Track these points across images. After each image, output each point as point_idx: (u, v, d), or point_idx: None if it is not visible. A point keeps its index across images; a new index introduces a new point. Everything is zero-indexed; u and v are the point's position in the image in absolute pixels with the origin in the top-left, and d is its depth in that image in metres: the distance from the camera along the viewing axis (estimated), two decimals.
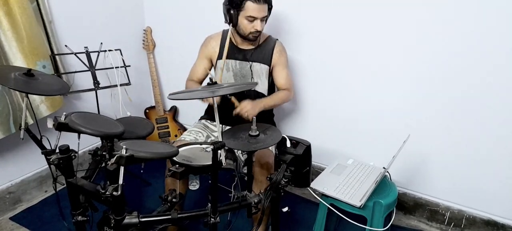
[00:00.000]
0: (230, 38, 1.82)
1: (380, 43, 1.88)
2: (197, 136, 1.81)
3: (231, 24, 1.73)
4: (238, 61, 1.85)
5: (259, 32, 1.72)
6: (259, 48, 1.83)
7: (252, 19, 1.68)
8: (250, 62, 1.83)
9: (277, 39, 1.88)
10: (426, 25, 1.74)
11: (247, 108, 1.68)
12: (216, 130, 1.81)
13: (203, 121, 1.97)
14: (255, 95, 1.87)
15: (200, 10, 2.39)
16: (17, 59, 1.81)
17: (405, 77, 1.87)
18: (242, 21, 1.70)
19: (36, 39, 1.88)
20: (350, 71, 2.02)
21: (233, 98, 1.74)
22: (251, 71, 1.84)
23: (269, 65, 1.84)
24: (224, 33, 1.87)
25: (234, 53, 1.84)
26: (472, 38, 1.65)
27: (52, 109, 1.99)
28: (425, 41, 1.76)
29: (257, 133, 1.35)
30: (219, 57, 1.87)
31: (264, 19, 1.72)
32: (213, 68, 1.95)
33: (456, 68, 1.73)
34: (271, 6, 1.74)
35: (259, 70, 1.84)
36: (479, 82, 1.69)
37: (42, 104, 1.94)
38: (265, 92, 1.88)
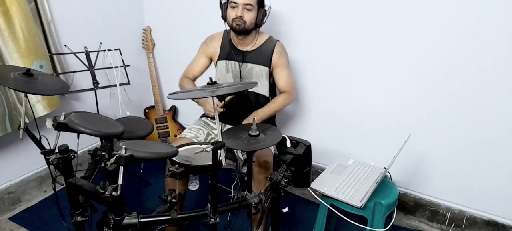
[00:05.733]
0: (230, 40, 1.82)
1: (380, 43, 1.88)
2: (197, 133, 1.80)
3: (222, 17, 1.76)
4: (237, 63, 1.84)
5: (243, 21, 1.69)
6: (259, 50, 1.82)
7: (234, 4, 1.69)
8: (249, 64, 1.82)
9: (278, 41, 1.85)
10: (426, 24, 1.73)
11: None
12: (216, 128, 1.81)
13: (203, 118, 1.96)
14: (255, 97, 1.86)
15: (200, 9, 2.38)
16: (13, 59, 1.81)
17: (406, 77, 1.87)
18: (228, 11, 1.72)
19: (33, 38, 1.87)
20: (351, 71, 2.01)
21: (227, 99, 1.74)
22: (251, 73, 1.83)
23: (269, 66, 1.82)
24: (225, 33, 1.87)
25: (234, 54, 1.84)
26: (473, 37, 1.65)
27: (49, 109, 1.98)
28: (425, 40, 1.75)
29: (257, 132, 1.34)
30: (220, 57, 1.87)
31: (248, 8, 1.68)
32: (215, 67, 1.94)
33: (456, 68, 1.72)
34: (262, 1, 1.71)
35: (259, 72, 1.83)
36: (480, 82, 1.69)
37: (38, 104, 1.94)
38: (266, 94, 1.88)
